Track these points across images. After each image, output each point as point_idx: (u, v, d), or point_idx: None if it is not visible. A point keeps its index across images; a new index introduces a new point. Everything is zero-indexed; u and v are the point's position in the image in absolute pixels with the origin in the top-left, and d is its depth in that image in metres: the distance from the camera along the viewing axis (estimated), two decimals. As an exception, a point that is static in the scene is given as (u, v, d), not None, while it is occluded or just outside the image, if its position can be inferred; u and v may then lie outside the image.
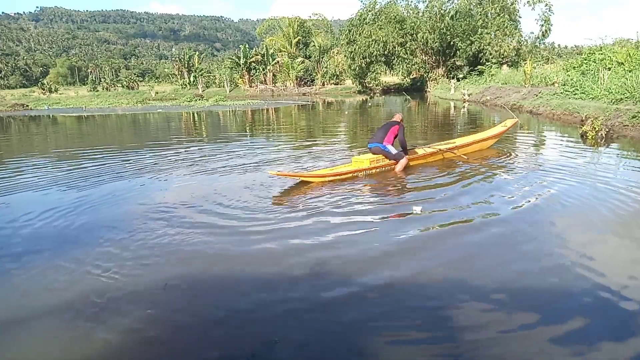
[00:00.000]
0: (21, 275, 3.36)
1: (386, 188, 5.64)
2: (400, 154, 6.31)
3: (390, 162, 6.32)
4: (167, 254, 3.63)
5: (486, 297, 2.79)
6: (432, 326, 2.50)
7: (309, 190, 5.46)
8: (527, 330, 2.42)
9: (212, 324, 2.61)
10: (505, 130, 7.93)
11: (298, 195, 5.30)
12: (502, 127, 7.94)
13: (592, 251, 3.39)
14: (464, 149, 7.22)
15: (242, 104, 29.90)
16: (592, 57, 17.24)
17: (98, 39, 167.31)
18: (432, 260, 3.37)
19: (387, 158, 6.30)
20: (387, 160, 6.31)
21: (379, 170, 6.25)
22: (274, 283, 3.10)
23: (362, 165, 6.14)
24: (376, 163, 6.24)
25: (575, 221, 4.11)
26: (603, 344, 2.28)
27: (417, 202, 4.70)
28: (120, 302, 2.87)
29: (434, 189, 5.34)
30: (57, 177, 6.79)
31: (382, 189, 5.61)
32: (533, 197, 4.77)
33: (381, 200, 5.17)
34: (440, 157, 6.99)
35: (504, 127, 7.91)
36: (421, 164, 6.70)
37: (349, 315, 2.65)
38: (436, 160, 6.95)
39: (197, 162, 7.68)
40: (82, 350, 2.42)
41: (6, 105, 33.53)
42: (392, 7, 32.55)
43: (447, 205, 4.64)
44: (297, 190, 5.48)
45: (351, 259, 3.41)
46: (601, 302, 2.67)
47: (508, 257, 3.38)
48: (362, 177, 6.05)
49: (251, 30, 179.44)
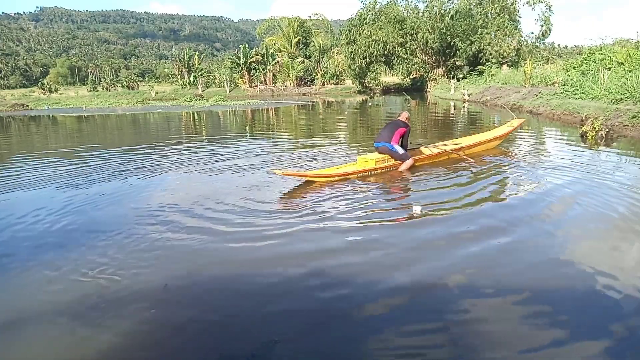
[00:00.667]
0: (20, 276, 3.35)
1: (392, 189, 5.62)
2: (407, 155, 6.31)
3: (396, 163, 6.31)
4: (168, 253, 3.63)
5: (494, 299, 2.79)
6: (436, 330, 2.48)
7: (313, 190, 5.45)
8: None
9: (213, 324, 2.61)
10: (511, 131, 7.92)
11: (301, 195, 5.29)
12: (508, 127, 7.93)
13: (600, 253, 3.39)
14: (470, 150, 7.19)
15: (242, 104, 29.89)
16: (592, 57, 17.24)
17: (98, 39, 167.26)
18: (436, 262, 3.34)
19: (394, 158, 6.29)
20: (394, 160, 6.30)
21: (385, 170, 6.24)
22: (274, 283, 3.09)
23: (368, 165, 6.13)
24: (382, 163, 6.23)
25: (585, 224, 4.05)
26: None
27: (421, 203, 4.68)
28: (121, 303, 2.87)
29: (439, 189, 5.30)
30: (57, 177, 6.78)
31: (388, 190, 5.59)
32: (535, 197, 4.77)
33: (386, 202, 5.15)
34: (446, 157, 6.98)
35: (510, 127, 7.90)
36: (427, 164, 6.69)
37: (350, 315, 2.64)
38: (441, 160, 6.93)
39: (197, 162, 7.68)
40: (83, 351, 2.42)
41: (6, 105, 33.51)
42: (392, 7, 32.55)
43: (451, 206, 4.61)
44: (301, 190, 5.47)
45: (354, 261, 3.39)
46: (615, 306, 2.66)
47: (515, 260, 3.34)
48: (367, 176, 6.04)
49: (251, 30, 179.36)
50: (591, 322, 2.50)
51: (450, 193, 5.11)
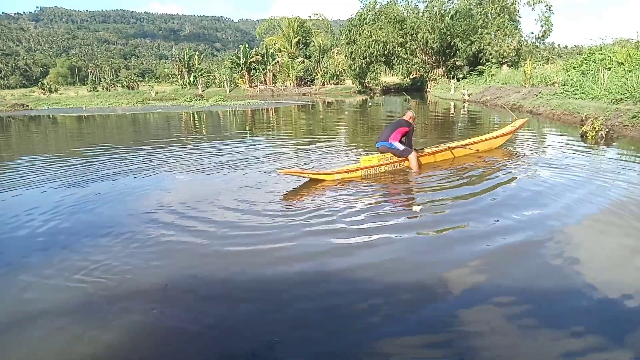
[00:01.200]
0: (20, 276, 3.35)
1: (393, 189, 5.59)
2: (408, 150, 6.25)
3: (399, 159, 6.30)
4: (168, 253, 3.63)
5: (495, 302, 2.79)
6: (439, 332, 2.47)
7: (315, 190, 5.44)
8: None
9: (213, 324, 2.60)
10: (514, 130, 7.94)
11: (302, 195, 5.28)
12: (511, 127, 7.94)
13: (608, 256, 3.38)
14: (473, 148, 7.23)
15: (242, 104, 29.90)
16: (592, 57, 17.24)
17: (98, 39, 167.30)
18: (437, 264, 3.33)
19: (395, 155, 6.29)
20: (396, 157, 6.29)
21: (389, 168, 6.24)
22: (275, 283, 3.09)
23: (371, 163, 6.13)
24: (384, 161, 6.24)
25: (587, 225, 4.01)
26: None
27: (421, 203, 4.68)
28: (122, 302, 2.87)
29: (441, 190, 5.26)
30: (57, 176, 6.78)
31: (389, 190, 5.55)
32: (536, 198, 4.77)
33: (387, 202, 5.08)
34: (450, 157, 6.99)
35: (513, 127, 7.91)
36: (430, 162, 6.69)
37: (351, 316, 2.64)
38: (445, 160, 6.92)
39: (197, 162, 7.67)
40: (83, 351, 2.42)
41: (6, 105, 33.53)
42: (392, 7, 32.56)
43: (452, 207, 4.61)
44: (302, 190, 5.46)
45: (356, 262, 3.37)
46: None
47: (519, 262, 3.31)
48: (371, 176, 6.03)
49: (251, 30, 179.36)
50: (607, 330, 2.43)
51: (451, 193, 5.09)
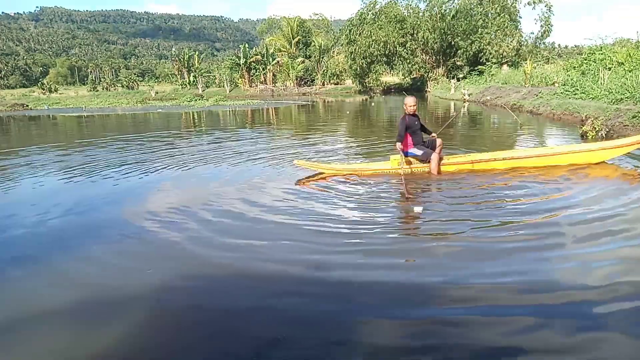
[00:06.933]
0: (19, 276, 3.35)
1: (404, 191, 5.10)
2: (428, 152, 5.88)
3: (424, 165, 5.96)
4: (170, 252, 3.63)
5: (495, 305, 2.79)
6: (441, 334, 2.46)
7: (319, 188, 5.41)
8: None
9: (216, 323, 2.61)
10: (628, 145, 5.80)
11: (308, 192, 5.25)
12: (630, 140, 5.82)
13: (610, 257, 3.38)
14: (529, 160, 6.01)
15: (242, 104, 29.91)
16: (592, 57, 17.25)
17: (98, 39, 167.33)
18: (438, 266, 3.32)
19: (420, 161, 5.98)
20: (421, 163, 5.96)
21: (413, 171, 5.92)
22: (278, 282, 3.08)
23: (393, 165, 5.90)
24: (409, 164, 5.90)
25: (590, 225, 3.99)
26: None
27: (422, 203, 4.67)
28: (123, 302, 2.87)
29: (443, 191, 5.27)
30: (57, 176, 6.79)
31: (396, 192, 5.30)
32: (538, 197, 4.77)
33: (391, 202, 4.95)
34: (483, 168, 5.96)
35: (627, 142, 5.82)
36: (451, 172, 5.96)
37: (353, 316, 2.64)
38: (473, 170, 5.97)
39: (198, 162, 7.67)
40: (83, 351, 2.42)
41: (6, 105, 33.56)
42: (393, 6, 32.61)
43: (453, 208, 4.60)
44: (305, 189, 5.44)
45: (358, 262, 3.35)
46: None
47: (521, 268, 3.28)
48: (390, 176, 5.85)
49: (251, 30, 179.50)
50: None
51: (454, 194, 5.09)
